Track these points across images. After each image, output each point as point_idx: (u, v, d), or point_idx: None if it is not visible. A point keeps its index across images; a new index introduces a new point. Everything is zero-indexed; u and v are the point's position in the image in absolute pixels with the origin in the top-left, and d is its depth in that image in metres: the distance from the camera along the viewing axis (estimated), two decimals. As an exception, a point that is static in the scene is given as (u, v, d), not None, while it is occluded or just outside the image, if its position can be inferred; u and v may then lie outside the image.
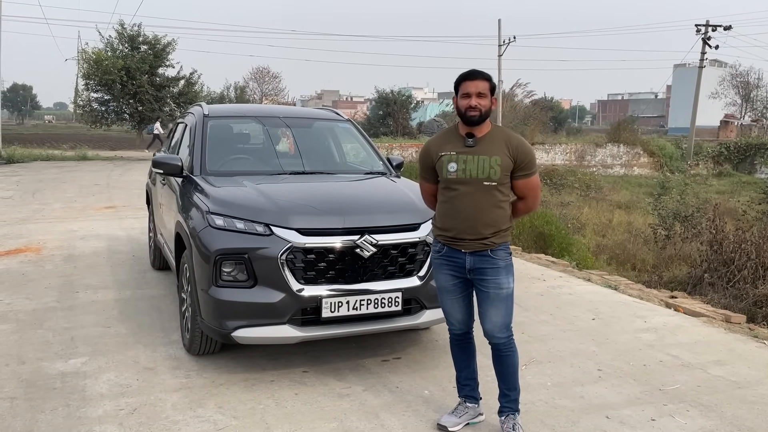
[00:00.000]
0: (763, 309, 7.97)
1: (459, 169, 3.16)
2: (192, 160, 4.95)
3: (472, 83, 3.13)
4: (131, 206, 11.46)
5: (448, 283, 3.32)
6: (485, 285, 3.20)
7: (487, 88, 3.13)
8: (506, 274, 3.20)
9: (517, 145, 3.16)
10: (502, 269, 3.19)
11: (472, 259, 3.20)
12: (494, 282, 3.18)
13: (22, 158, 21.90)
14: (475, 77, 3.14)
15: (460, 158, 3.16)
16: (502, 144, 3.15)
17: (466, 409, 3.45)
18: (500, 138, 3.17)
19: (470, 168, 3.14)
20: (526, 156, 3.17)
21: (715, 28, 36.61)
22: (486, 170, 3.12)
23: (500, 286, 3.18)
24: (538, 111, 41.73)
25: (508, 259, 3.24)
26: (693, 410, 3.69)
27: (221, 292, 3.79)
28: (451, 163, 3.17)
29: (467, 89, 3.13)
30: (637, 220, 17.36)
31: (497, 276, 3.18)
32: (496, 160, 3.12)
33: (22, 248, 7.75)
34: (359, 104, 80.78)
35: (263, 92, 60.73)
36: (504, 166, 3.13)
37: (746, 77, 58.98)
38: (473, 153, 3.15)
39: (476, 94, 3.11)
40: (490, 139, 3.17)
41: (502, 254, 3.21)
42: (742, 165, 35.71)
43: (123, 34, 28.02)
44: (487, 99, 3.13)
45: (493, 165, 3.12)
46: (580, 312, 5.59)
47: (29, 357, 4.28)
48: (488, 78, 3.17)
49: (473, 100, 3.11)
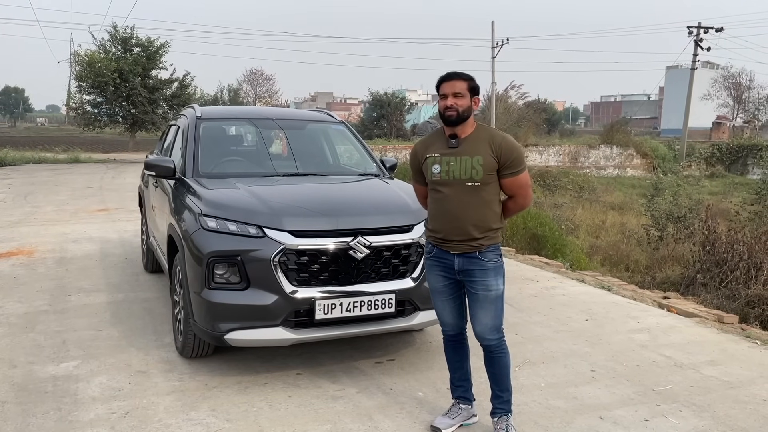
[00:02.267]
0: (755, 309, 7.99)
1: (443, 171, 3.17)
2: (184, 162, 4.93)
3: (449, 84, 3.15)
4: (124, 209, 11.42)
5: (439, 284, 3.32)
6: (474, 286, 3.20)
7: (464, 88, 3.14)
8: (495, 276, 3.20)
9: (500, 144, 3.15)
10: (491, 271, 3.19)
11: (460, 260, 3.21)
12: (482, 283, 3.18)
13: (14, 161, 21.79)
14: (452, 78, 3.17)
15: (444, 159, 3.18)
16: (485, 143, 3.15)
17: (459, 411, 3.45)
18: (483, 138, 3.17)
19: (453, 169, 3.15)
20: (511, 154, 3.15)
21: (707, 30, 36.84)
22: (468, 170, 3.13)
23: (488, 288, 3.18)
24: (531, 113, 41.81)
25: (497, 260, 3.23)
26: (686, 410, 3.70)
27: (214, 294, 3.78)
28: (435, 165, 3.19)
29: (444, 90, 3.16)
30: (630, 221, 17.40)
31: (485, 278, 3.18)
32: (478, 160, 3.12)
33: (13, 251, 7.71)
34: (353, 106, 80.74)
35: (257, 94, 60.67)
36: (487, 165, 3.12)
37: (738, 79, 59.24)
38: (456, 154, 3.16)
39: (452, 94, 3.13)
40: (474, 140, 3.17)
41: (491, 256, 3.20)
42: (735, 166, 35.86)
43: (116, 36, 27.87)
44: (466, 99, 3.14)
45: (475, 165, 3.12)
46: (573, 313, 5.60)
47: (20, 360, 4.25)
48: (466, 78, 3.18)
49: (449, 100, 3.13)
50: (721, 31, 36.79)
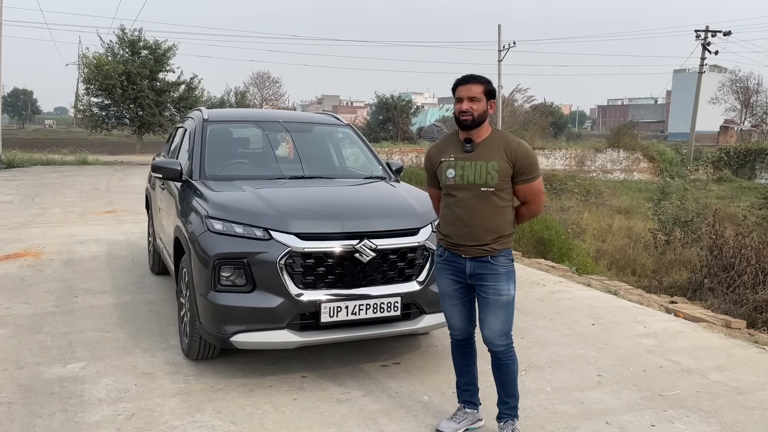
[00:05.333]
0: (763, 314, 7.94)
1: (457, 175, 3.14)
2: (191, 164, 4.95)
3: (465, 87, 3.13)
4: (131, 211, 11.46)
5: (449, 288, 3.30)
6: (485, 291, 3.18)
7: (480, 92, 3.11)
8: (506, 281, 3.17)
9: (515, 150, 3.12)
10: (503, 275, 3.16)
11: (472, 264, 3.18)
12: (494, 288, 3.16)
13: (22, 163, 21.90)
14: (468, 81, 3.14)
15: (458, 164, 3.15)
16: (500, 149, 3.12)
17: (465, 415, 3.43)
18: (499, 143, 3.14)
19: (468, 174, 3.12)
20: (526, 160, 3.13)
21: (715, 33, 36.72)
22: (483, 176, 3.09)
23: (500, 293, 3.16)
24: (538, 116, 41.82)
25: (509, 265, 3.20)
26: (693, 416, 3.68)
27: (220, 296, 3.78)
28: (450, 170, 3.16)
29: (459, 94, 3.13)
30: (637, 225, 17.33)
31: (497, 282, 3.16)
32: (493, 165, 3.09)
33: (21, 253, 7.74)
34: (359, 109, 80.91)
35: (263, 97, 60.81)
36: (502, 171, 3.10)
37: (746, 82, 59.05)
38: (471, 159, 3.13)
39: (468, 98, 3.10)
40: (489, 144, 3.14)
41: (503, 260, 3.18)
42: (742, 170, 35.67)
43: (124, 39, 28.04)
44: (482, 103, 3.11)
45: (490, 171, 3.09)
46: (579, 317, 5.58)
47: (27, 362, 4.26)
48: (483, 82, 3.15)
49: (465, 104, 3.10)
50: (729, 35, 36.67)
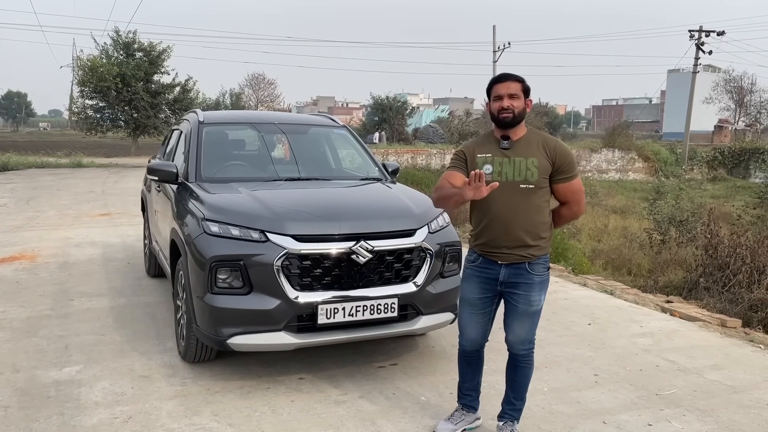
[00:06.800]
0: (758, 313, 7.96)
1: (495, 172, 3.07)
2: (187, 166, 4.94)
3: (503, 85, 3.07)
4: (126, 213, 11.43)
5: (474, 296, 3.22)
6: (515, 299, 3.13)
7: (519, 89, 3.07)
8: (539, 291, 3.12)
9: (554, 147, 3.09)
10: (536, 285, 3.11)
11: (507, 271, 3.12)
12: (525, 297, 3.11)
13: (16, 165, 21.83)
14: (506, 79, 3.09)
15: (496, 160, 3.08)
16: (539, 146, 3.08)
17: (462, 417, 3.43)
18: (537, 140, 3.11)
19: (506, 170, 3.06)
20: (566, 158, 3.09)
21: (709, 33, 36.88)
22: (523, 172, 3.04)
23: (531, 303, 3.11)
24: (533, 116, 41.81)
25: (544, 274, 3.14)
26: (689, 415, 3.69)
27: (216, 299, 3.78)
28: (487, 165, 3.08)
29: (498, 91, 3.07)
30: (632, 224, 17.35)
31: (530, 292, 3.10)
32: (533, 161, 3.05)
33: (16, 256, 7.72)
34: (355, 110, 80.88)
35: (259, 99, 60.77)
36: (542, 167, 3.05)
37: (740, 82, 59.20)
38: (509, 155, 3.08)
39: (508, 95, 3.05)
40: (526, 142, 3.10)
41: (540, 269, 3.12)
42: (737, 169, 35.82)
43: (118, 41, 27.98)
44: (521, 100, 3.07)
45: (530, 166, 3.05)
46: (576, 317, 5.59)
47: (23, 365, 4.25)
48: (520, 80, 3.11)
49: (505, 101, 3.04)
50: (723, 35, 36.85)
